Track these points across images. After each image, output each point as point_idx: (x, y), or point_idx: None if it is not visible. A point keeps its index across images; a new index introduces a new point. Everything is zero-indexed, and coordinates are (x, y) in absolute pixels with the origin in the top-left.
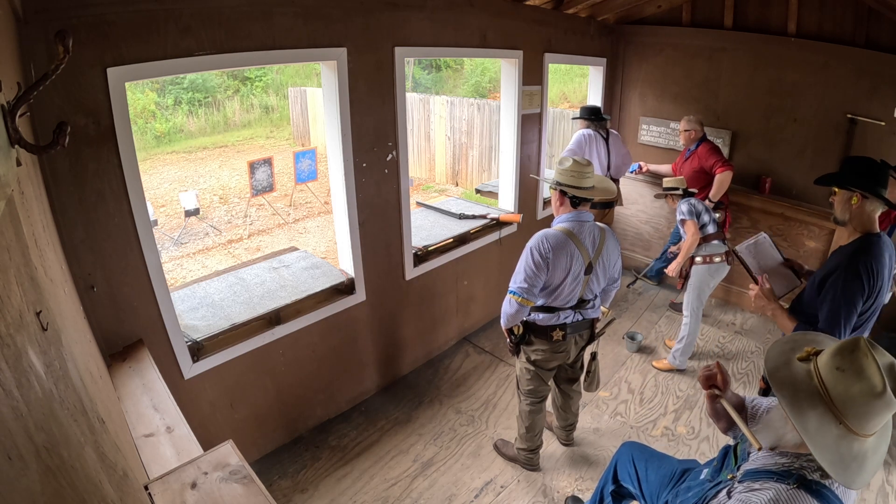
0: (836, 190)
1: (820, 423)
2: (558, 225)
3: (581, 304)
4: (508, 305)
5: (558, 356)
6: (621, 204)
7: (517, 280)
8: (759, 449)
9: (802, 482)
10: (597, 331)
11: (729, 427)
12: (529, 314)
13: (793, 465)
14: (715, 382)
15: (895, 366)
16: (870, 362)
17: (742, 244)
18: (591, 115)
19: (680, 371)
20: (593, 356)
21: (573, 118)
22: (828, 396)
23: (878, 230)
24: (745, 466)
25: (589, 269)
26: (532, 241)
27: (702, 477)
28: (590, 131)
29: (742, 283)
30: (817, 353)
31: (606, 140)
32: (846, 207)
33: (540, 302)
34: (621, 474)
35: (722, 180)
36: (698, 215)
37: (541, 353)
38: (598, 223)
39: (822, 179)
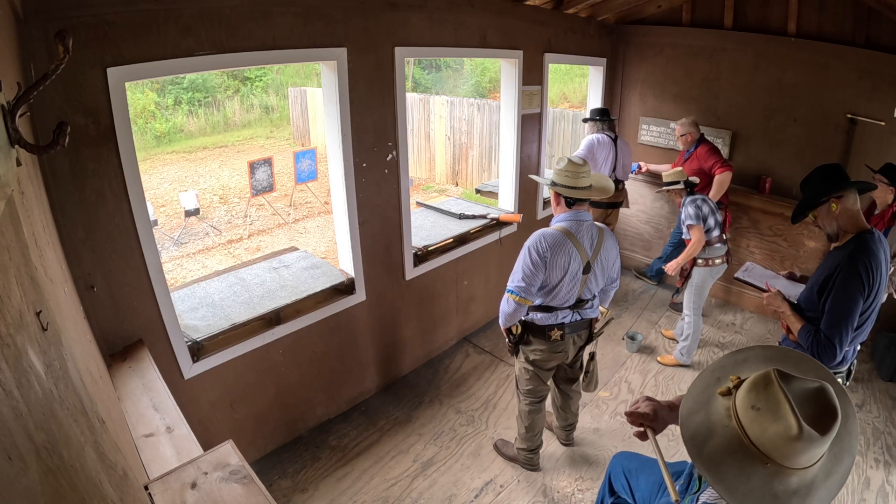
0: (814, 213)
1: (740, 468)
2: (556, 224)
3: (579, 303)
4: (506, 304)
5: (557, 356)
6: (627, 206)
7: (515, 279)
8: (677, 502)
9: None
10: (595, 331)
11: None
12: (528, 314)
13: None
14: (642, 421)
15: (810, 392)
16: (782, 400)
17: (738, 272)
18: (598, 116)
19: (685, 367)
20: (592, 356)
21: (583, 120)
22: (747, 438)
23: (869, 226)
24: (702, 497)
25: (587, 269)
26: (530, 241)
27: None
28: (599, 136)
29: (741, 283)
30: (741, 384)
31: (615, 141)
32: (831, 218)
33: (538, 301)
34: (616, 486)
35: (721, 181)
36: (704, 219)
37: (539, 352)
38: (596, 223)
39: (797, 215)
